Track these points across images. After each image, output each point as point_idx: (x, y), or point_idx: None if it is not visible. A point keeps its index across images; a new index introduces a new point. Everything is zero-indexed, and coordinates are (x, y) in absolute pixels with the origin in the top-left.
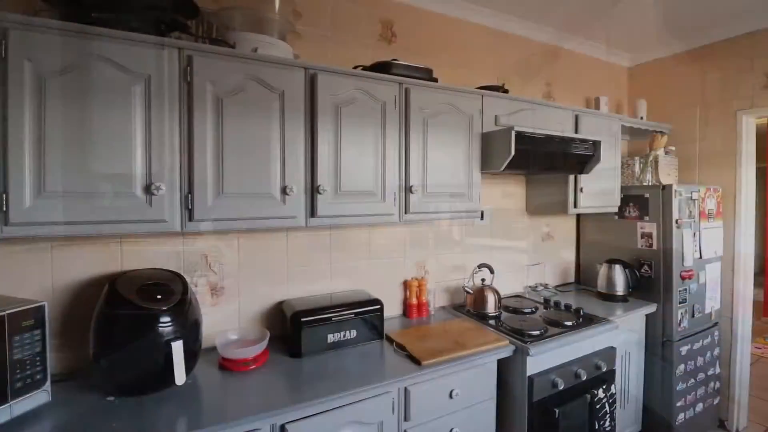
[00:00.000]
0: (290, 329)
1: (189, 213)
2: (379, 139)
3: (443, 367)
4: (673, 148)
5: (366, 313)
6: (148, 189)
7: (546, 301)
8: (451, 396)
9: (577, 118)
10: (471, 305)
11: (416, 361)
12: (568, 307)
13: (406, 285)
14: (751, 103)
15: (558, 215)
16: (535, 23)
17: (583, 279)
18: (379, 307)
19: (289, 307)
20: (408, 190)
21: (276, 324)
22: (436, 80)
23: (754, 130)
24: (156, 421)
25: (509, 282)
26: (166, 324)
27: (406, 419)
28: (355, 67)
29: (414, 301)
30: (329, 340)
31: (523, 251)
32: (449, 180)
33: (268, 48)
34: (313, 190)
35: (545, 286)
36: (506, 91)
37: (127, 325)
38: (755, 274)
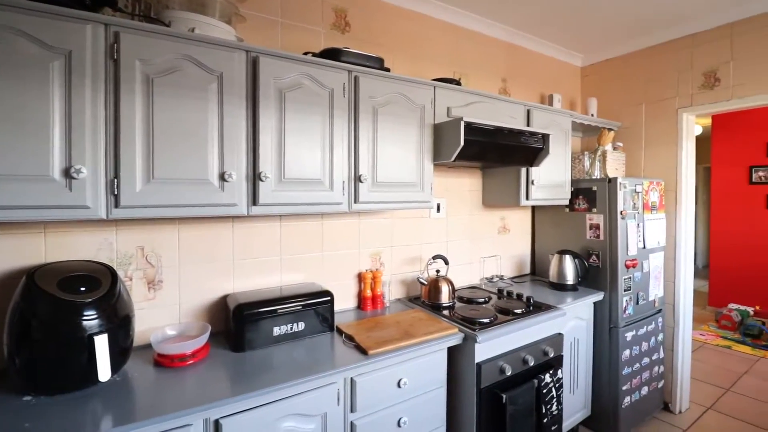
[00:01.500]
0: (233, 323)
1: (115, 199)
2: (327, 127)
3: (391, 356)
4: (621, 144)
5: (315, 305)
6: (66, 172)
7: (500, 292)
8: (399, 385)
9: (528, 112)
10: (425, 296)
11: (364, 351)
12: (519, 296)
13: (360, 277)
14: (691, 101)
15: (513, 208)
16: (492, 20)
17: (538, 270)
18: (329, 298)
19: (234, 301)
20: (357, 179)
21: (220, 319)
22: (387, 70)
23: (693, 127)
24: (74, 419)
25: (466, 274)
26: (89, 317)
27: (352, 410)
28: (305, 54)
29: (368, 293)
30: (275, 333)
31: (479, 243)
32: (400, 170)
33: (207, 29)
34: (255, 177)
35: (501, 278)
36: (459, 84)
37: (45, 319)
38: (702, 267)
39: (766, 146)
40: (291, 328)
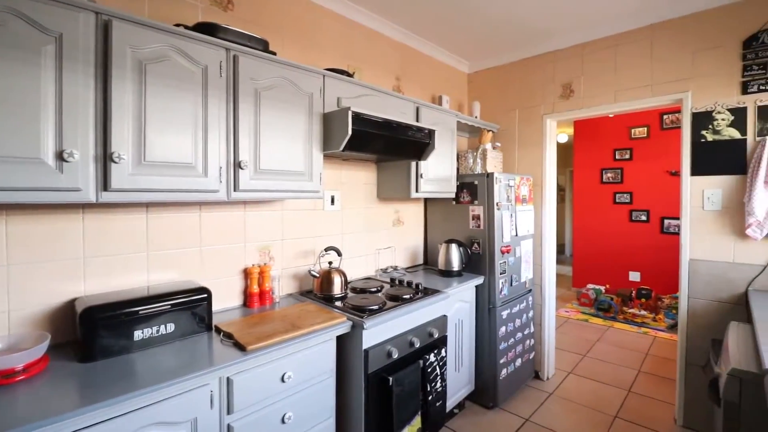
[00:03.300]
0: (81, 329)
1: None
2: (200, 106)
3: (272, 350)
4: (499, 144)
5: (188, 305)
6: None
7: (392, 281)
8: (283, 380)
9: (418, 109)
10: (318, 289)
11: (242, 348)
12: (410, 283)
13: (246, 273)
14: (552, 108)
15: (407, 201)
16: (385, 19)
17: (429, 260)
18: (204, 296)
19: (83, 305)
20: (237, 165)
21: (67, 326)
22: (273, 53)
23: (555, 131)
24: None
25: (362, 266)
26: None
27: (229, 412)
28: (177, 26)
29: (255, 289)
30: (137, 338)
31: (375, 236)
32: (287, 158)
33: None
34: (105, 158)
35: (395, 268)
36: (352, 77)
37: None
38: (570, 255)
39: (613, 152)
40: (158, 331)
